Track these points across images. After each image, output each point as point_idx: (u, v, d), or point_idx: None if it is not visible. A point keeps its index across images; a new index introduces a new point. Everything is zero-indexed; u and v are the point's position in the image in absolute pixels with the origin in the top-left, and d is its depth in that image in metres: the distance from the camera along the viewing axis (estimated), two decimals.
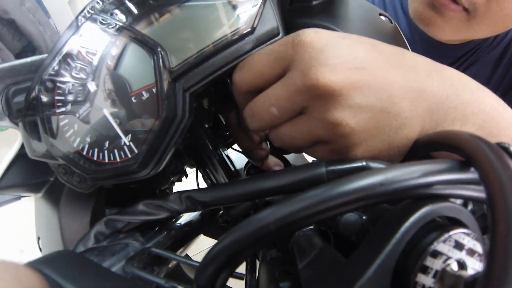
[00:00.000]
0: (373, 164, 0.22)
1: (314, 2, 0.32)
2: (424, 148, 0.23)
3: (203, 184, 0.40)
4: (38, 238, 0.37)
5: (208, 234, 0.48)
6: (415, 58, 0.25)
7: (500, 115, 0.25)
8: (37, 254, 0.34)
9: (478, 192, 0.18)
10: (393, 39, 0.34)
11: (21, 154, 0.33)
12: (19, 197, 0.41)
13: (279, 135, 0.26)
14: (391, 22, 0.35)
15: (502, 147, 0.16)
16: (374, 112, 0.22)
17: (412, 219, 0.15)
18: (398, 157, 0.24)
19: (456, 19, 0.52)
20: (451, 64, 0.71)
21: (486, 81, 0.71)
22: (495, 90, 0.71)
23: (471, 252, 0.16)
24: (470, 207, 0.22)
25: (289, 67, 0.23)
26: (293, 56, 0.23)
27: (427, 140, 0.23)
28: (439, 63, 0.26)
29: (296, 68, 0.23)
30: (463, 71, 0.71)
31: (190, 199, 0.27)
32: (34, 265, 0.20)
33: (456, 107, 0.24)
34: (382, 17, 0.35)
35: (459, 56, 0.69)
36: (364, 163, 0.22)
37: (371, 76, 0.22)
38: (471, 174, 0.17)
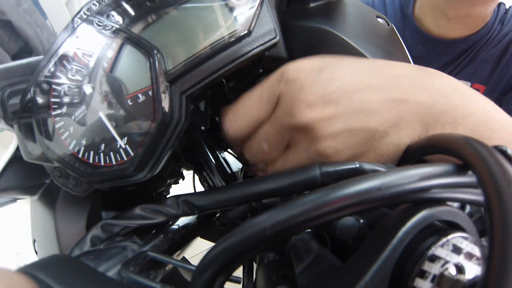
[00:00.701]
0: (366, 166, 0.22)
1: (311, 5, 0.32)
2: (421, 152, 0.23)
3: (199, 187, 0.40)
4: (34, 241, 0.37)
5: (205, 237, 0.48)
6: (399, 68, 0.26)
7: (492, 118, 0.25)
8: (33, 257, 0.33)
9: (475, 195, 0.18)
10: (390, 40, 0.34)
11: (16, 157, 0.33)
12: (15, 200, 0.40)
13: (273, 169, 0.29)
14: (388, 24, 0.36)
15: (500, 150, 0.16)
16: (353, 132, 0.25)
17: (410, 223, 0.15)
18: (390, 163, 0.25)
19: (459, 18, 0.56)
20: (450, 62, 0.72)
21: (486, 80, 0.72)
22: (495, 89, 0.71)
23: (469, 256, 0.16)
24: (467, 210, 0.21)
25: (277, 103, 0.26)
26: (280, 94, 0.26)
27: (423, 143, 0.23)
28: (429, 69, 0.27)
29: (281, 108, 0.26)
30: (462, 68, 0.72)
31: (187, 203, 0.27)
32: (28, 270, 0.20)
33: (446, 111, 0.25)
34: (380, 19, 0.35)
35: (458, 53, 0.71)
36: (357, 165, 0.22)
37: (345, 105, 0.25)
38: (469, 178, 0.17)
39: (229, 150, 0.41)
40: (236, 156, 0.37)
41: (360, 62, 0.27)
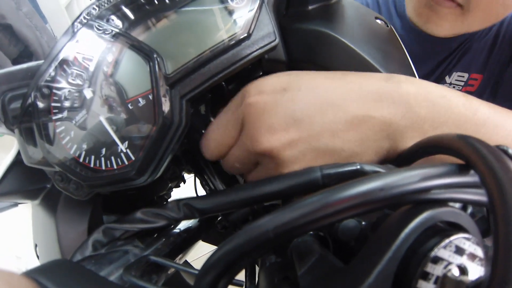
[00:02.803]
0: (367, 167, 0.22)
1: (310, 7, 0.32)
2: (421, 152, 0.23)
3: (201, 190, 0.40)
4: (35, 246, 0.37)
5: (206, 240, 0.47)
6: (366, 80, 0.26)
7: (469, 120, 0.25)
8: (34, 261, 0.33)
9: (477, 196, 0.18)
10: (389, 42, 0.34)
11: (17, 161, 0.33)
12: (16, 204, 0.40)
13: (249, 179, 0.30)
14: (387, 26, 0.36)
15: (502, 150, 0.16)
16: (318, 153, 0.25)
17: (412, 225, 0.15)
18: None
19: (451, 14, 0.55)
20: (447, 57, 0.73)
21: (482, 68, 0.73)
22: (491, 76, 0.72)
23: (472, 257, 0.16)
24: (469, 210, 0.21)
25: (242, 128, 0.27)
26: (243, 119, 0.26)
27: (424, 143, 0.23)
28: (399, 78, 0.26)
29: (245, 133, 0.26)
30: (458, 61, 0.73)
31: (188, 207, 0.27)
32: (31, 274, 0.20)
33: (412, 126, 0.25)
34: (378, 21, 0.35)
35: (453, 50, 0.72)
36: (358, 166, 0.22)
37: (308, 127, 0.25)
38: (471, 177, 0.17)
39: None
40: None
41: (325, 77, 0.26)
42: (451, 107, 0.25)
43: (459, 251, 0.15)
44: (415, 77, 0.34)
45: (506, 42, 0.68)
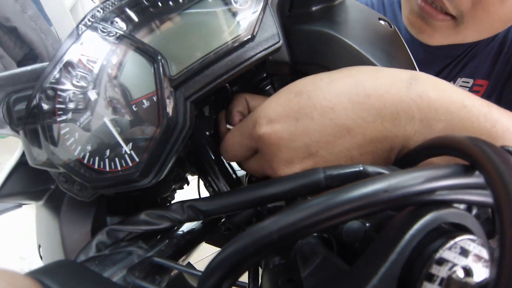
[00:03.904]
0: (370, 168, 0.22)
1: (313, 8, 0.32)
2: (426, 153, 0.23)
3: (204, 192, 0.40)
4: (39, 246, 0.37)
5: (210, 242, 0.47)
6: (386, 98, 0.24)
7: (486, 132, 0.24)
8: (38, 262, 0.33)
9: (482, 197, 0.17)
10: (393, 43, 0.34)
11: (22, 162, 0.33)
12: (20, 205, 0.41)
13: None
14: (391, 27, 0.35)
15: (507, 151, 0.16)
16: None
17: (417, 226, 0.15)
18: None
19: (444, 27, 0.53)
20: (451, 62, 0.72)
21: (488, 75, 0.72)
22: (497, 82, 0.71)
23: (477, 259, 0.16)
24: (474, 211, 0.21)
25: (258, 151, 0.28)
26: (258, 147, 0.27)
27: (429, 144, 0.23)
28: (416, 76, 0.25)
29: (263, 160, 0.27)
30: (463, 67, 0.72)
31: (192, 209, 0.27)
32: (34, 275, 0.20)
33: (425, 139, 0.24)
34: (382, 22, 0.35)
35: (458, 55, 0.71)
36: (361, 168, 0.22)
37: (325, 156, 0.25)
38: (476, 179, 0.17)
39: None
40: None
41: (339, 91, 0.25)
42: (471, 119, 0.24)
43: (464, 252, 0.15)
44: None
45: None
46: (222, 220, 0.43)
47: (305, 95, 0.25)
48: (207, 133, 0.33)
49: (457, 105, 0.24)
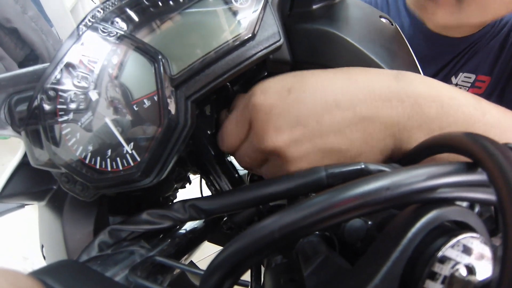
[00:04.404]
0: (372, 166, 0.22)
1: (314, 7, 0.32)
2: (428, 151, 0.23)
3: (206, 191, 0.40)
4: (42, 246, 0.37)
5: (212, 240, 0.48)
6: (374, 76, 0.26)
7: (478, 121, 0.25)
8: (41, 262, 0.33)
9: (485, 194, 0.17)
10: (395, 40, 0.34)
11: (24, 163, 0.33)
12: (23, 205, 0.41)
13: (260, 174, 0.31)
14: (392, 24, 0.35)
15: (510, 148, 0.16)
16: (323, 152, 0.25)
17: (419, 224, 0.15)
18: None
19: (446, 3, 0.55)
20: (454, 58, 0.72)
21: (490, 71, 0.72)
22: (499, 78, 0.71)
23: (479, 257, 0.16)
24: (477, 209, 0.21)
25: (251, 127, 0.27)
26: (251, 119, 0.27)
27: (431, 142, 0.23)
28: (407, 75, 0.26)
29: (253, 132, 0.27)
30: (465, 63, 0.72)
31: (194, 208, 0.27)
32: (37, 275, 0.20)
33: (420, 126, 0.25)
34: (383, 19, 0.35)
35: (460, 51, 0.71)
36: (362, 166, 0.22)
37: (314, 126, 0.25)
38: (478, 176, 0.17)
39: None
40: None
41: (332, 77, 0.26)
42: (460, 107, 0.25)
43: (467, 250, 0.15)
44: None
45: None
46: (224, 219, 0.43)
47: (299, 75, 0.27)
48: (208, 132, 0.33)
49: (446, 95, 0.25)
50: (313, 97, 0.25)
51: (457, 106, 0.25)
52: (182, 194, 0.45)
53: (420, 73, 0.33)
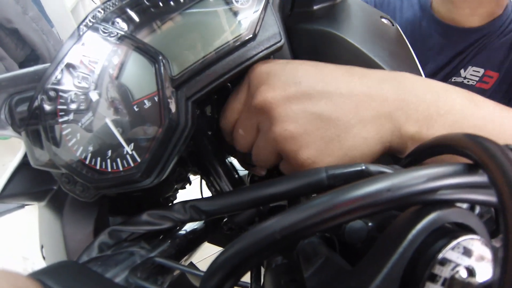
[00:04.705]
0: (372, 167, 0.22)
1: (315, 7, 0.32)
2: (429, 152, 0.23)
3: (206, 191, 0.40)
4: (42, 247, 0.37)
5: (212, 241, 0.47)
6: (370, 71, 0.27)
7: (473, 113, 0.25)
8: (41, 262, 0.33)
9: (486, 196, 0.17)
10: (395, 41, 0.34)
11: (24, 163, 0.33)
12: (23, 206, 0.41)
13: (254, 157, 0.30)
14: (393, 25, 0.35)
15: (511, 149, 0.16)
16: (313, 116, 0.25)
17: (419, 226, 0.15)
18: (359, 157, 0.26)
19: None
20: (464, 50, 0.76)
21: (498, 67, 0.75)
22: (507, 75, 0.74)
23: (480, 258, 0.16)
24: (477, 210, 0.21)
25: (248, 94, 0.28)
26: (249, 83, 0.27)
27: (431, 143, 0.23)
28: (400, 73, 0.27)
29: (249, 93, 0.27)
30: (474, 56, 0.76)
31: (194, 209, 0.27)
32: (37, 276, 0.20)
33: (417, 109, 0.25)
34: (384, 20, 0.35)
35: (471, 42, 0.74)
36: (363, 167, 0.22)
37: (307, 87, 0.25)
38: (479, 177, 0.17)
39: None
40: (238, 160, 0.38)
41: (327, 64, 0.28)
42: (455, 99, 0.25)
43: (467, 252, 0.15)
44: (422, 76, 0.33)
45: None
46: (224, 220, 0.43)
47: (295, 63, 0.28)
48: (209, 132, 0.33)
49: (439, 87, 0.26)
50: (310, 69, 0.26)
51: (451, 97, 0.25)
52: (182, 194, 0.45)
53: (420, 72, 0.33)
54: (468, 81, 0.77)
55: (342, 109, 0.25)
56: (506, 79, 0.74)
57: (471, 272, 0.15)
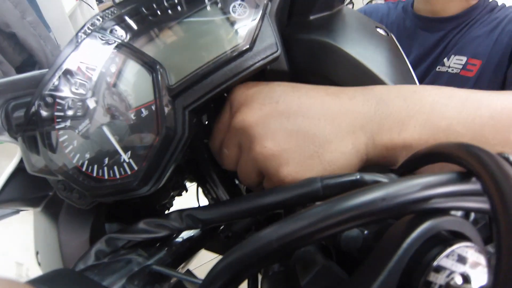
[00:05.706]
0: (367, 177, 0.22)
1: (311, 17, 0.33)
2: (423, 161, 0.23)
3: (203, 199, 0.40)
4: (37, 253, 0.37)
5: (209, 249, 0.47)
6: (342, 89, 0.28)
7: (445, 106, 0.25)
8: (36, 268, 0.33)
9: (479, 203, 0.18)
10: (390, 50, 0.34)
11: (20, 168, 0.33)
12: (18, 211, 0.40)
13: (239, 176, 0.30)
14: (388, 34, 0.36)
15: (503, 157, 0.16)
16: (291, 133, 0.26)
17: (414, 235, 0.15)
18: (338, 171, 0.26)
19: None
20: (442, 38, 0.85)
21: (481, 54, 0.81)
22: (491, 62, 0.79)
23: (474, 265, 0.16)
24: (472, 216, 0.21)
25: (230, 115, 0.28)
26: (231, 108, 0.28)
27: (425, 152, 0.23)
28: (370, 86, 0.28)
29: (231, 115, 0.28)
30: (455, 44, 0.83)
31: (191, 217, 0.27)
32: (34, 284, 0.20)
33: (389, 117, 0.25)
34: (379, 30, 0.35)
35: (450, 29, 0.84)
36: (358, 176, 0.22)
37: (284, 106, 0.26)
38: (473, 185, 0.17)
39: None
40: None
41: (304, 84, 0.28)
42: (424, 96, 0.26)
43: (462, 259, 0.15)
44: (416, 83, 0.34)
45: (506, 35, 0.76)
46: (221, 228, 0.43)
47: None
48: (205, 140, 0.33)
49: (407, 90, 0.27)
50: (287, 88, 0.27)
51: (420, 96, 0.26)
52: (179, 201, 0.45)
53: (414, 80, 0.34)
54: (452, 70, 0.83)
55: (318, 126, 0.26)
56: (489, 66, 0.79)
57: (466, 278, 0.15)
